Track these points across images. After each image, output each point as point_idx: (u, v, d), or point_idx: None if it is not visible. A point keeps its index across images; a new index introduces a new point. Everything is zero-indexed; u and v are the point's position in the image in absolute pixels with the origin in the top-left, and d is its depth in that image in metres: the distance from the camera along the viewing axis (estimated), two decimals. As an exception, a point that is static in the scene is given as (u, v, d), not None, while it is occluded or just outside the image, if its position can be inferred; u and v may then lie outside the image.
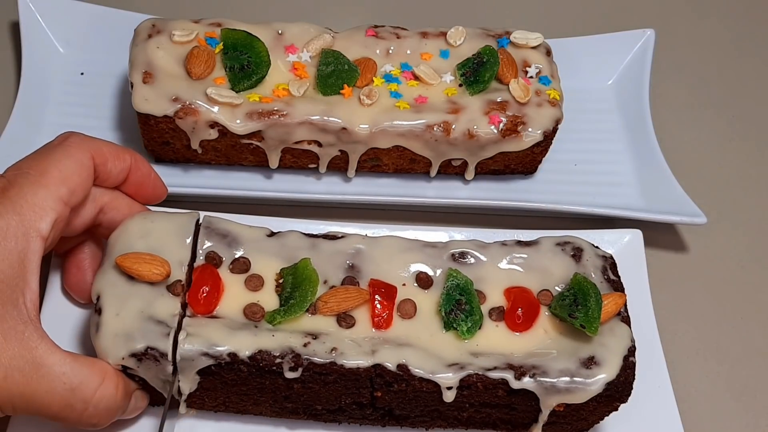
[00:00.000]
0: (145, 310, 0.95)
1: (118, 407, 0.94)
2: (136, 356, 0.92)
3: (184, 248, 1.01)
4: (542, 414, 1.01)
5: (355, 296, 1.02)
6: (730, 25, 1.74)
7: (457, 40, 1.36)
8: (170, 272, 0.98)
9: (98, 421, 0.92)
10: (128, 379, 0.96)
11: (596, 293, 1.01)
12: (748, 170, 1.49)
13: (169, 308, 0.96)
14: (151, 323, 0.94)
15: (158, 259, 0.97)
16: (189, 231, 1.02)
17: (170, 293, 0.97)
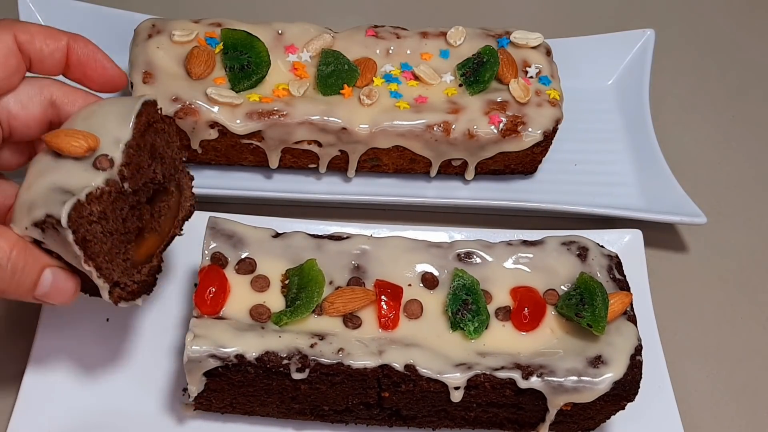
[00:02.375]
0: (57, 182, 0.86)
1: (14, 272, 0.86)
2: (37, 225, 0.84)
3: (124, 127, 0.91)
4: (549, 413, 1.01)
5: (362, 297, 1.02)
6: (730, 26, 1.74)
7: (457, 40, 1.36)
8: (96, 147, 0.88)
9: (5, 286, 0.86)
10: (41, 253, 0.87)
11: (603, 292, 1.01)
12: (748, 170, 1.49)
13: (83, 179, 0.86)
14: (56, 193, 0.84)
15: (82, 134, 0.88)
16: (131, 111, 0.92)
17: (94, 167, 0.87)
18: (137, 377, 1.11)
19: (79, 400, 1.08)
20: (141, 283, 0.93)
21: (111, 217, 0.87)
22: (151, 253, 0.96)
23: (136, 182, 0.91)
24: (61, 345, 1.12)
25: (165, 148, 0.98)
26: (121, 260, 0.90)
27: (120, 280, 0.90)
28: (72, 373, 1.10)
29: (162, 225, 0.98)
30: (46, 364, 1.10)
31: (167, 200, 0.99)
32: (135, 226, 0.93)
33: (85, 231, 0.83)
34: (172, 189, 1.00)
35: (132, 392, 1.09)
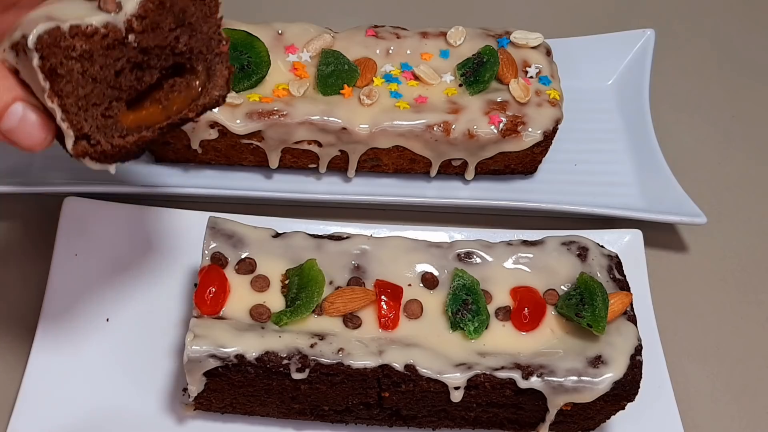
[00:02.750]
0: (52, 12, 0.76)
1: None
2: (13, 48, 0.76)
3: None
4: (549, 413, 1.01)
5: (362, 297, 1.02)
6: (730, 25, 1.74)
7: (457, 40, 1.36)
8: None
9: None
10: (19, 85, 0.77)
11: (603, 292, 1.01)
12: (748, 170, 1.49)
13: (78, 14, 0.76)
14: (43, 19, 0.74)
15: None
16: None
17: (98, 8, 0.78)
18: (137, 377, 1.11)
19: (78, 400, 1.08)
20: (118, 147, 0.82)
21: (99, 63, 0.78)
22: (144, 124, 0.85)
23: (146, 40, 0.81)
24: (60, 345, 1.12)
25: (200, 20, 0.86)
26: (100, 114, 0.80)
27: (91, 134, 0.80)
28: (72, 373, 1.10)
29: (171, 101, 0.87)
30: (45, 364, 1.10)
31: (189, 79, 0.88)
32: (132, 86, 0.82)
33: (57, 62, 0.74)
34: (199, 69, 0.88)
35: (132, 392, 1.09)
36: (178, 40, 0.84)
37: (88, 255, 1.19)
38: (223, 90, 0.90)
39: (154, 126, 0.85)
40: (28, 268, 1.23)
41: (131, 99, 0.83)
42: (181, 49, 0.84)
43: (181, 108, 0.87)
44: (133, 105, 0.84)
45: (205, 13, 0.86)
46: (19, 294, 1.21)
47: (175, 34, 0.83)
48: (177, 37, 0.83)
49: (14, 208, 1.31)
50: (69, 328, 1.13)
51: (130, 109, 0.83)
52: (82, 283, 1.17)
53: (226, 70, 0.90)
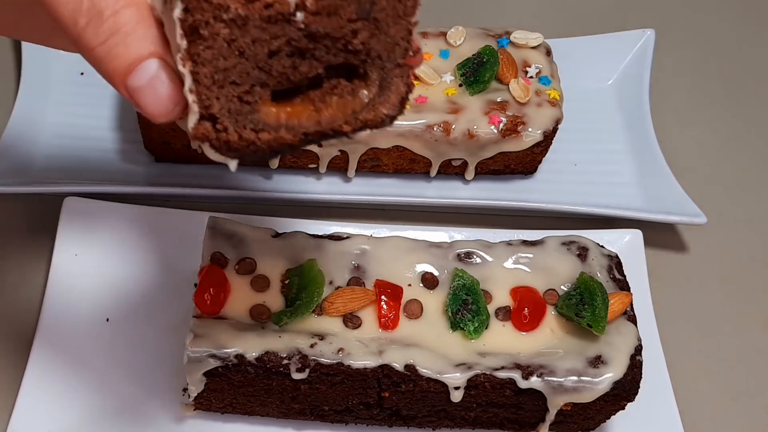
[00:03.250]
0: None
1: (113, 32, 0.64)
2: None
3: None
4: (549, 413, 1.01)
5: (362, 297, 1.02)
6: (730, 25, 1.74)
7: (456, 40, 1.36)
8: None
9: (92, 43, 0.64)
10: (161, 39, 0.65)
11: (603, 292, 1.01)
12: (748, 170, 1.49)
13: None
14: None
15: None
16: None
17: None
18: (137, 377, 1.11)
19: (78, 400, 1.08)
20: (247, 142, 0.65)
21: (252, 35, 0.63)
22: (288, 122, 0.68)
23: (317, 25, 0.65)
24: (60, 345, 1.12)
25: (389, 18, 0.69)
26: (236, 96, 0.65)
27: (220, 116, 0.64)
28: (72, 373, 1.10)
29: (328, 105, 0.70)
30: (45, 364, 1.10)
31: (357, 85, 0.70)
32: (284, 74, 0.66)
33: (203, 20, 0.61)
34: (373, 78, 0.70)
35: (132, 392, 1.09)
36: (356, 35, 0.67)
37: (88, 255, 1.20)
38: (395, 110, 0.72)
39: (297, 129, 0.68)
40: (28, 268, 1.23)
41: (279, 90, 0.68)
42: (357, 47, 0.68)
43: (335, 117, 0.70)
44: (279, 97, 0.68)
45: (398, 13, 0.69)
46: (19, 294, 1.21)
47: (354, 27, 0.67)
48: (355, 31, 0.67)
49: (14, 207, 1.31)
50: (69, 328, 1.13)
51: (274, 100, 0.68)
52: (82, 283, 1.17)
53: (404, 86, 0.72)
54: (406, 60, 0.70)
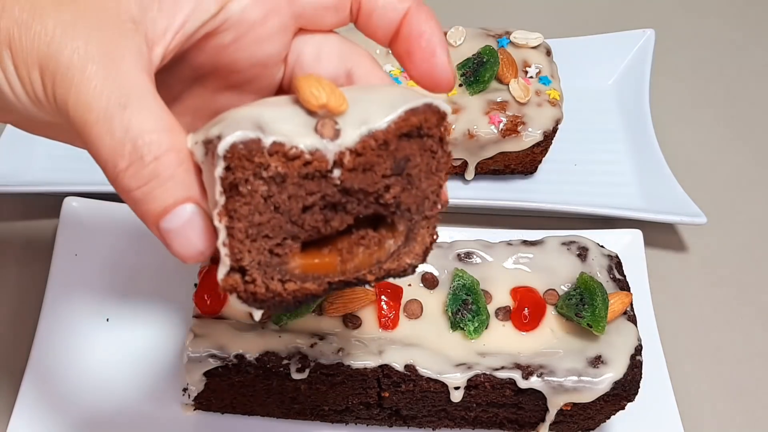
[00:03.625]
0: (262, 116, 0.63)
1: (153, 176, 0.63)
2: (205, 144, 0.63)
3: (383, 112, 0.65)
4: (549, 413, 1.01)
5: (362, 297, 1.02)
6: (730, 25, 1.74)
7: (457, 40, 1.36)
8: (336, 111, 0.64)
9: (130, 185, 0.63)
10: (198, 184, 0.65)
11: (602, 292, 1.01)
12: (748, 170, 1.49)
13: (289, 129, 0.62)
14: (248, 123, 0.62)
15: (332, 89, 0.65)
16: (406, 102, 0.66)
17: (314, 129, 0.63)
18: (137, 377, 1.11)
19: (78, 400, 1.08)
20: (273, 293, 0.66)
21: (289, 192, 0.63)
22: (314, 273, 0.68)
23: (353, 182, 0.65)
24: (60, 345, 1.12)
25: (421, 174, 0.69)
26: (267, 249, 0.65)
27: (249, 269, 0.64)
28: (72, 373, 1.10)
29: (353, 255, 0.70)
30: (45, 363, 1.10)
31: (383, 235, 0.71)
32: (315, 228, 0.66)
33: (243, 178, 0.61)
34: (400, 228, 0.71)
35: (131, 392, 1.09)
36: (389, 189, 0.67)
37: (88, 255, 1.19)
38: (418, 260, 0.72)
39: (323, 279, 0.68)
40: (28, 268, 1.23)
41: (308, 241, 0.68)
42: (388, 201, 0.68)
43: (361, 267, 0.71)
44: (307, 246, 0.68)
45: (431, 169, 0.70)
46: (19, 294, 1.21)
47: (387, 183, 0.67)
48: (388, 186, 0.67)
49: (14, 207, 1.31)
50: (69, 328, 1.13)
51: (303, 250, 0.67)
52: (82, 283, 1.17)
53: (429, 237, 0.72)
54: (433, 211, 0.71)
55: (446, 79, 0.75)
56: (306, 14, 0.71)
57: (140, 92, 0.62)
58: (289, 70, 0.75)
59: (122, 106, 0.61)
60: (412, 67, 0.75)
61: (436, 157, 0.69)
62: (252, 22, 0.69)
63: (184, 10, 0.65)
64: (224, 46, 0.70)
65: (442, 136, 0.69)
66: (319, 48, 0.74)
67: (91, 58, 0.60)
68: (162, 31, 0.65)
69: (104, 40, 0.61)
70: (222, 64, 0.71)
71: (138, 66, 0.62)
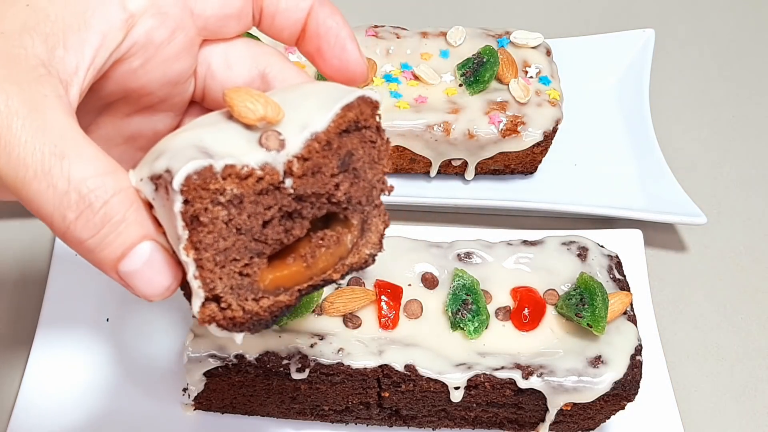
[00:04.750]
0: (203, 140, 0.63)
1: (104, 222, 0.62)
2: (153, 180, 0.62)
3: (321, 113, 0.66)
4: (549, 413, 1.01)
5: (362, 297, 1.02)
6: (730, 25, 1.75)
7: (457, 40, 1.36)
8: (274, 121, 0.65)
9: (83, 235, 0.62)
10: (150, 220, 0.64)
11: (603, 292, 1.01)
12: (748, 170, 1.49)
13: (235, 149, 0.63)
14: (193, 150, 0.62)
15: (265, 99, 0.65)
16: (339, 99, 0.67)
17: (258, 143, 0.64)
18: (137, 377, 1.11)
19: (78, 400, 1.08)
20: (250, 314, 0.66)
21: (248, 211, 0.64)
22: (284, 285, 0.69)
23: (305, 187, 0.66)
24: (60, 345, 1.12)
25: (365, 166, 0.72)
26: (237, 272, 0.65)
27: (223, 295, 0.64)
28: (71, 373, 1.10)
29: (317, 258, 0.71)
30: (45, 363, 1.10)
31: (340, 232, 0.72)
32: (278, 240, 0.67)
33: (202, 208, 0.61)
34: (353, 222, 0.73)
35: (131, 392, 1.09)
36: (338, 187, 0.69)
37: (88, 255, 1.19)
38: (376, 248, 0.75)
39: (293, 288, 0.70)
40: (28, 267, 1.23)
41: (272, 255, 0.68)
42: (340, 198, 0.69)
43: (326, 267, 0.72)
44: (271, 261, 0.69)
45: (373, 158, 0.72)
46: (18, 293, 1.21)
47: (336, 181, 0.68)
48: (338, 184, 0.69)
49: (13, 206, 1.31)
50: (69, 327, 1.13)
51: (269, 265, 0.68)
52: (81, 283, 1.17)
53: (382, 224, 0.75)
54: (380, 201, 0.73)
55: (360, 72, 0.76)
56: (210, 26, 0.71)
57: (72, 139, 0.60)
58: (200, 82, 0.74)
59: (59, 156, 0.58)
60: (324, 64, 0.75)
61: (376, 146, 0.71)
62: (159, 43, 0.67)
63: (92, 43, 0.63)
64: (133, 71, 0.68)
65: (378, 125, 0.71)
66: (227, 55, 0.74)
67: (15, 112, 0.58)
68: (73, 69, 0.63)
69: (22, 91, 0.59)
70: (131, 88, 0.70)
71: (61, 111, 0.60)
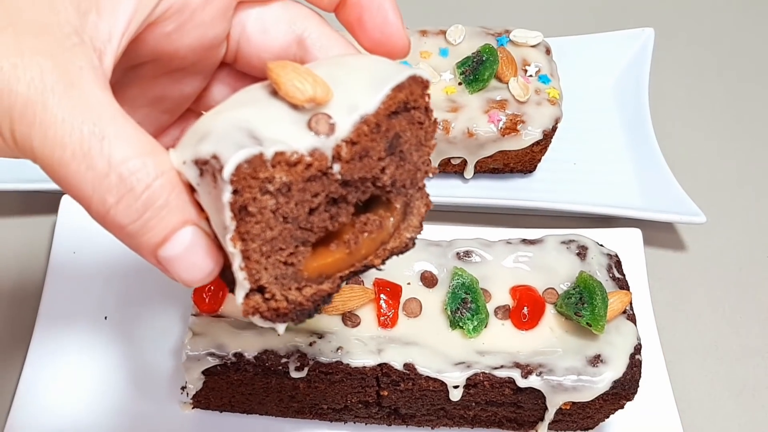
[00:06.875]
0: (251, 121, 0.60)
1: (147, 206, 0.58)
2: (198, 164, 0.59)
3: (371, 94, 0.64)
4: (548, 412, 1.01)
5: (361, 295, 1.01)
6: (729, 24, 1.75)
7: (456, 38, 1.36)
8: (324, 102, 0.62)
9: (123, 220, 0.59)
10: (191, 204, 0.61)
11: (602, 291, 1.00)
12: (747, 170, 1.49)
13: (285, 133, 0.60)
14: (241, 133, 0.59)
15: (315, 78, 0.62)
16: (390, 79, 0.65)
17: (307, 126, 0.61)
18: (135, 375, 1.11)
19: (76, 398, 1.08)
20: (294, 304, 0.64)
21: (296, 199, 0.61)
22: (326, 272, 0.67)
23: (352, 171, 0.64)
24: (58, 343, 1.12)
25: (412, 148, 0.69)
26: (282, 261, 0.63)
27: (268, 286, 0.62)
28: (69, 371, 1.10)
29: (360, 244, 0.68)
30: (43, 362, 1.10)
31: (383, 216, 0.70)
32: (323, 227, 0.64)
33: (251, 198, 0.58)
34: (396, 206, 0.70)
35: (130, 391, 1.09)
36: (384, 171, 0.66)
37: (87, 252, 1.19)
38: (417, 231, 0.72)
39: (335, 276, 0.67)
40: (27, 266, 1.23)
41: (317, 242, 0.66)
42: (385, 182, 0.67)
43: (368, 253, 0.69)
44: (316, 248, 0.66)
45: (420, 140, 0.69)
46: (17, 292, 1.21)
47: (383, 165, 0.66)
48: (384, 168, 0.66)
49: (13, 204, 1.30)
50: (67, 325, 1.13)
51: (313, 254, 0.66)
52: (80, 281, 1.17)
53: (424, 206, 0.72)
54: (423, 183, 0.70)
55: (402, 46, 0.72)
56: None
57: (111, 116, 0.57)
58: (233, 45, 0.71)
59: (98, 136, 0.55)
60: (365, 36, 0.71)
61: (424, 127, 0.69)
62: (194, 7, 0.64)
63: (126, 7, 0.60)
64: (166, 35, 0.65)
65: (427, 106, 0.68)
66: (263, 18, 0.70)
67: (50, 89, 0.54)
68: (107, 36, 0.59)
69: (57, 65, 0.55)
70: (163, 52, 0.67)
71: (98, 85, 0.57)
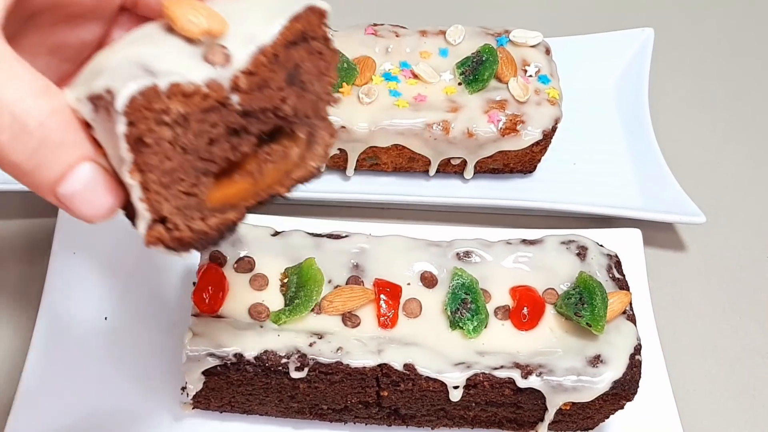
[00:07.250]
0: (145, 56, 0.60)
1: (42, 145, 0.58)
2: (92, 100, 0.59)
3: (267, 24, 0.64)
4: (548, 413, 1.01)
5: (360, 296, 1.02)
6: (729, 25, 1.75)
7: (456, 38, 1.36)
8: (219, 34, 0.63)
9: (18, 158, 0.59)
10: (89, 140, 0.61)
11: (602, 291, 1.00)
12: (747, 170, 1.49)
13: (180, 66, 0.60)
14: (135, 67, 0.59)
15: (209, 11, 0.63)
16: (286, 10, 0.65)
17: (204, 59, 0.62)
18: (135, 376, 1.11)
19: (76, 398, 1.08)
20: (197, 233, 0.64)
21: (194, 130, 0.62)
22: (230, 202, 0.68)
23: (251, 102, 0.65)
24: (59, 343, 1.11)
25: (313, 78, 0.70)
26: (183, 192, 0.63)
27: (170, 216, 0.63)
28: (69, 371, 1.10)
29: (264, 173, 0.70)
30: (43, 362, 1.09)
31: (287, 146, 0.71)
32: (224, 157, 0.65)
33: (147, 129, 0.58)
34: (300, 135, 0.71)
35: (130, 391, 1.09)
36: (285, 101, 0.68)
37: (87, 253, 1.19)
38: (322, 160, 0.73)
39: (240, 205, 0.68)
40: (27, 266, 1.23)
41: (219, 172, 0.66)
42: (287, 112, 0.68)
43: (273, 182, 0.71)
44: (218, 179, 0.67)
45: (320, 70, 0.71)
46: (17, 292, 1.21)
47: (283, 95, 0.67)
48: (284, 98, 0.67)
49: (13, 205, 1.30)
50: (67, 326, 1.13)
51: (216, 184, 0.66)
52: (80, 282, 1.17)
53: (328, 136, 0.74)
54: (326, 113, 0.72)
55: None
56: None
57: (2, 58, 0.57)
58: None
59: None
60: None
61: (323, 57, 0.70)
62: None
63: None
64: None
65: (325, 35, 0.69)
66: None
67: None
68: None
69: None
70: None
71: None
